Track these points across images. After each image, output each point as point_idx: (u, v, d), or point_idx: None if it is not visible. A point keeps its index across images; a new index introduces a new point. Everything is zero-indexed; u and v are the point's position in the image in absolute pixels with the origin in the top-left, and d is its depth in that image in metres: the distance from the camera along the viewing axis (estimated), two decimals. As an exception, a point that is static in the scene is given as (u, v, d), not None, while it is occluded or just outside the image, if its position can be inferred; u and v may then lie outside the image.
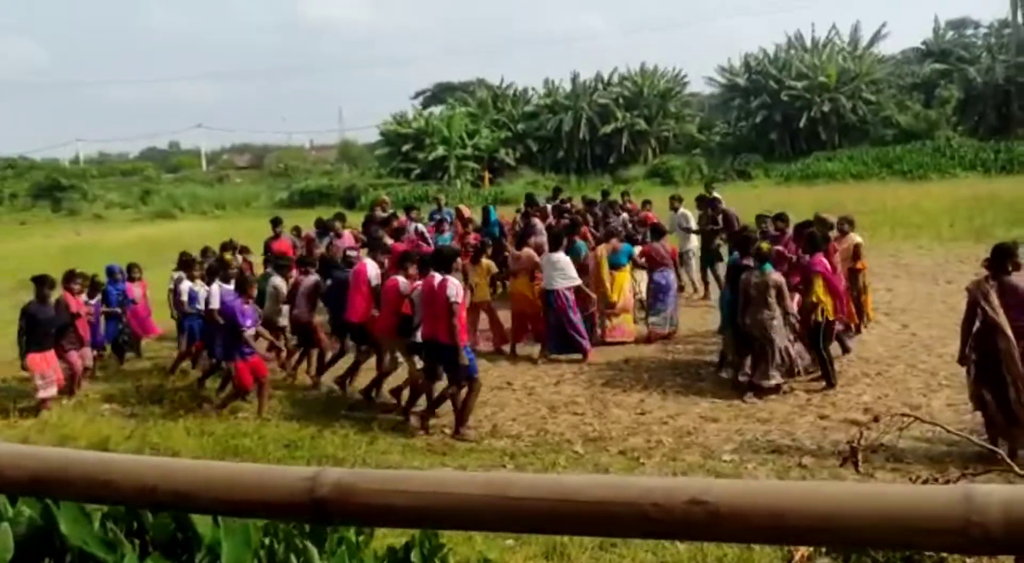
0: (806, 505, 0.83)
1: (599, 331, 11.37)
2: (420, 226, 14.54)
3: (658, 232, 11.96)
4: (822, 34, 47.55)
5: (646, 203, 15.98)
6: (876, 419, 6.65)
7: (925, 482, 5.40)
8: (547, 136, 46.77)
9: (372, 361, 9.67)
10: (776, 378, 8.82)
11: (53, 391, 9.64)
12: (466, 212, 16.04)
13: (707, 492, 0.85)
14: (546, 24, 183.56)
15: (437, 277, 8.34)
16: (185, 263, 11.23)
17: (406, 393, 9.02)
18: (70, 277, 10.50)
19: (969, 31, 49.74)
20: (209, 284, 10.27)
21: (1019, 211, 21.67)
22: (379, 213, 15.58)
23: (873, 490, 0.84)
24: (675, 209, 14.41)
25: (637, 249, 11.97)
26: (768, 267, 8.86)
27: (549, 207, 15.42)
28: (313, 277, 10.51)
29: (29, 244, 31.66)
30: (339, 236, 13.46)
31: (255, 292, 9.68)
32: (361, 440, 8.30)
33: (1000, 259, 6.96)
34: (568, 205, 15.92)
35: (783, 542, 0.87)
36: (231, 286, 9.79)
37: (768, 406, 8.59)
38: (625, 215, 14.96)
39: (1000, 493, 0.82)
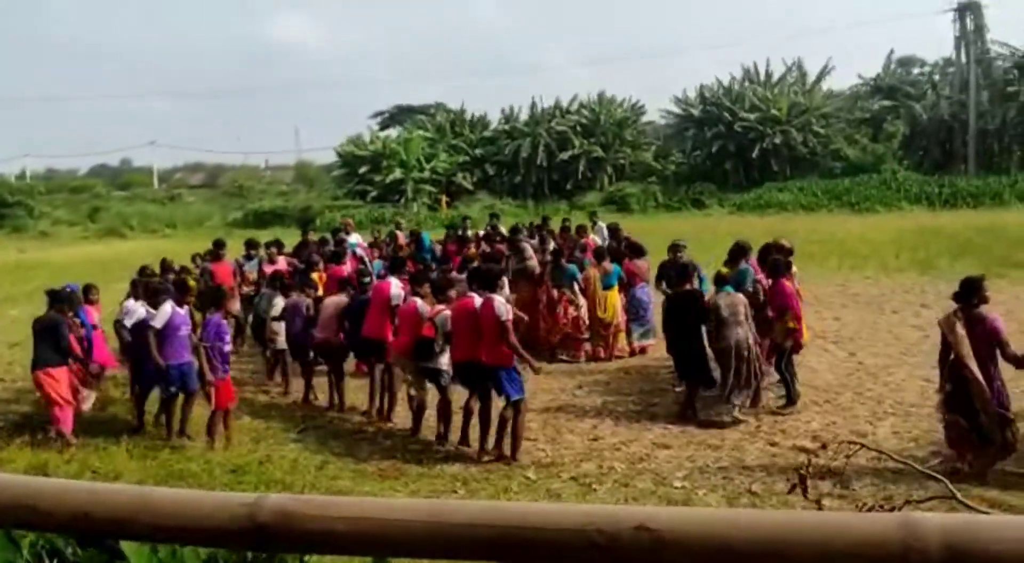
0: (750, 532, 0.84)
1: (600, 350, 11.89)
2: (356, 248, 14.51)
3: (637, 250, 12.39)
4: (776, 69, 48.74)
5: (581, 228, 16.09)
6: (824, 446, 6.72)
7: (871, 509, 5.47)
8: (505, 161, 47.04)
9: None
10: (740, 401, 8.94)
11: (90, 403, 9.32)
12: (401, 238, 16.15)
13: (653, 519, 0.85)
14: (507, 54, 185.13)
15: (476, 297, 8.21)
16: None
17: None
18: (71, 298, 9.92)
19: (916, 69, 51.33)
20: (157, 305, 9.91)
21: (962, 243, 22.32)
22: (344, 235, 15.59)
23: (815, 518, 0.84)
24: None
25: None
26: (729, 288, 9.05)
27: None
28: (338, 297, 10.25)
29: (-29, 261, 30.83)
30: (272, 262, 13.23)
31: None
32: (310, 464, 8.17)
33: (968, 292, 7.18)
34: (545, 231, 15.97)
35: (727, 569, 0.88)
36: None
37: (719, 433, 8.65)
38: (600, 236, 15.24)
39: (938, 520, 0.83)
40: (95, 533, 0.83)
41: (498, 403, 8.25)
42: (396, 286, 9.66)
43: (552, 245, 13.61)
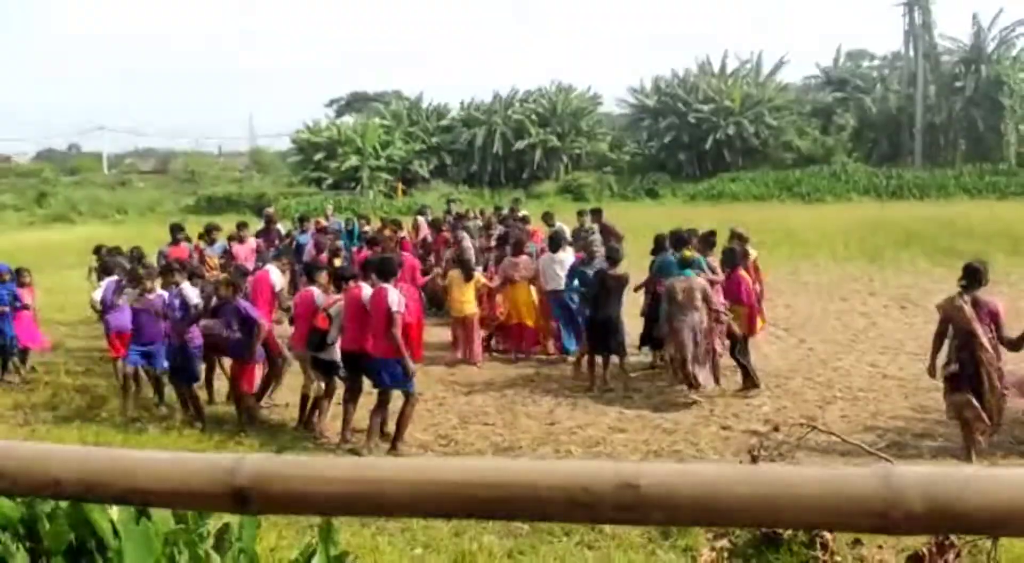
0: (733, 488, 0.84)
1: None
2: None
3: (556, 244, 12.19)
4: (731, 62, 49.25)
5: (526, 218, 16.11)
6: (776, 429, 6.85)
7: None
8: (461, 149, 46.89)
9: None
10: (705, 380, 9.09)
11: None
12: (323, 222, 16.14)
13: (638, 476, 0.85)
14: (464, 41, 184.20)
15: (365, 287, 8.10)
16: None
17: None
18: None
19: (865, 62, 52.23)
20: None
21: (909, 234, 22.83)
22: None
23: (797, 473, 0.86)
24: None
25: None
26: (689, 272, 9.14)
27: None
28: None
29: (-90, 245, 29.85)
30: (242, 241, 13.13)
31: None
32: (269, 449, 8.08)
33: (972, 277, 7.36)
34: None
35: (713, 524, 0.88)
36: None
37: (673, 417, 8.76)
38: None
39: (919, 475, 0.85)
40: (67, 498, 0.82)
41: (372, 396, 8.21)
42: (276, 274, 9.56)
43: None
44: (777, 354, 11.08)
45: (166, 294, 9.08)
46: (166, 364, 9.13)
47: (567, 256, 10.99)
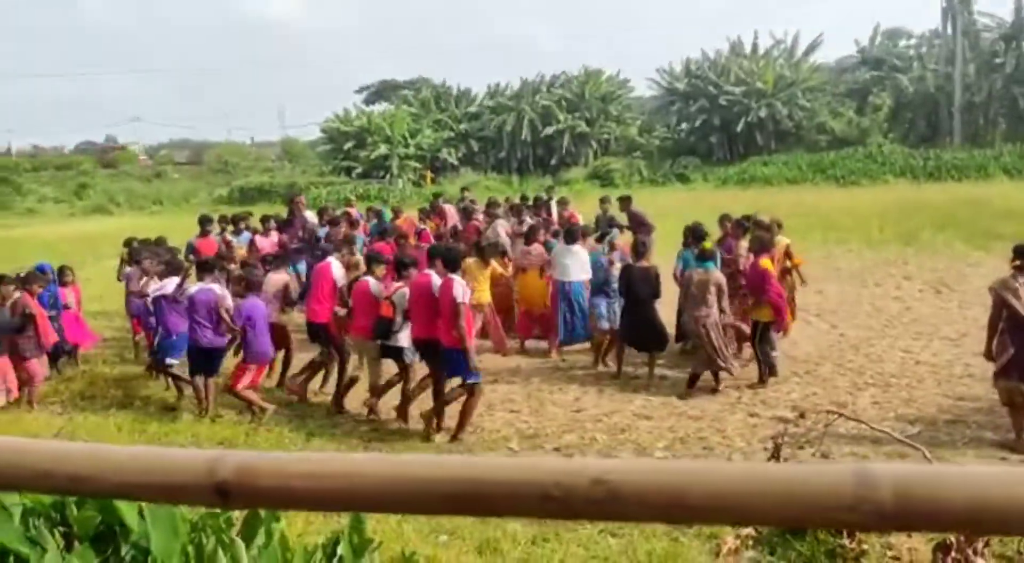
0: (705, 484, 0.85)
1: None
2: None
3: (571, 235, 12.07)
4: (762, 42, 48.60)
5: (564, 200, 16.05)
6: (802, 416, 6.81)
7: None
8: (489, 136, 46.82)
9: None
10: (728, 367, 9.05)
11: (1, 400, 8.88)
12: (354, 214, 16.01)
13: (609, 472, 0.86)
14: (492, 28, 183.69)
15: (434, 276, 8.09)
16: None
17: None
18: (31, 277, 9.65)
19: (902, 41, 51.22)
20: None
21: (946, 216, 22.44)
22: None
23: (769, 470, 0.86)
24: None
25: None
26: (711, 265, 9.07)
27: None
28: (280, 274, 10.02)
29: (-45, 237, 30.54)
30: (266, 234, 13.21)
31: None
32: (297, 437, 8.20)
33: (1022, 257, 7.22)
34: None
35: (684, 521, 0.89)
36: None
37: (700, 404, 8.73)
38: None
39: (892, 471, 0.84)
40: (56, 492, 0.84)
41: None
42: (338, 267, 9.51)
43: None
44: (807, 340, 10.98)
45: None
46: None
47: (581, 249, 10.81)
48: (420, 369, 8.60)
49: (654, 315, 9.61)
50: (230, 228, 13.50)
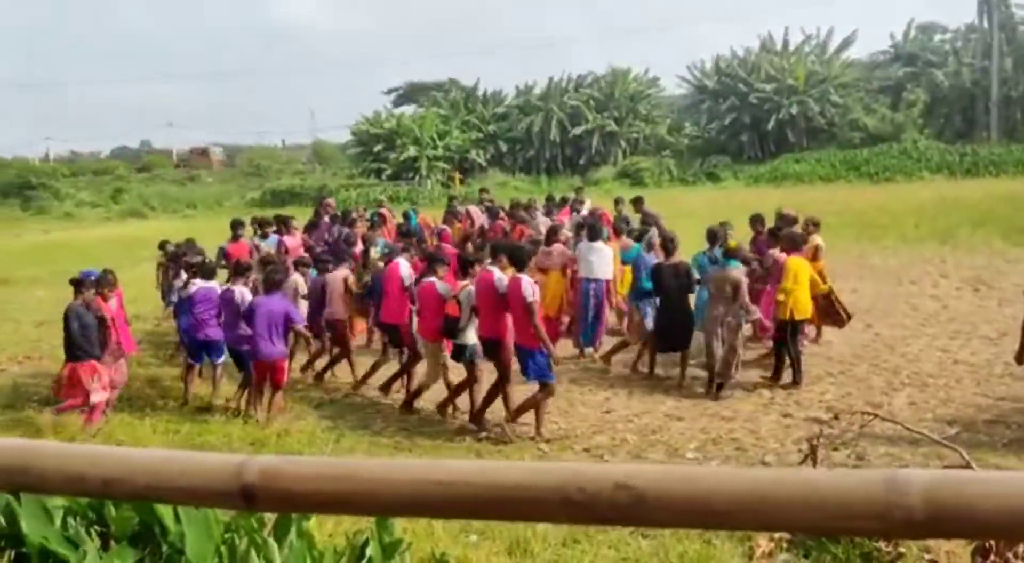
0: (731, 489, 0.84)
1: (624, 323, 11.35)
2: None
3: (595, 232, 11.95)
4: (793, 38, 48.14)
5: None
6: (836, 417, 6.73)
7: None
8: (518, 137, 46.84)
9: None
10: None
11: (104, 395, 8.82)
12: (385, 213, 16.03)
13: (633, 477, 0.85)
14: (519, 29, 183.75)
15: (497, 273, 8.04)
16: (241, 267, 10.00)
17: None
18: (103, 281, 9.53)
19: (937, 35, 50.45)
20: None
21: (983, 213, 22.07)
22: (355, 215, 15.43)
23: (797, 475, 0.85)
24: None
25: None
26: (734, 263, 8.98)
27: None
28: (343, 272, 10.07)
29: (-4, 243, 31.17)
30: (290, 233, 13.30)
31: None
32: (327, 438, 8.25)
33: None
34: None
35: (708, 526, 0.88)
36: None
37: (733, 404, 8.67)
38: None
39: (922, 477, 0.83)
40: (88, 495, 0.86)
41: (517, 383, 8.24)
42: (406, 267, 9.49)
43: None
44: (842, 340, 10.84)
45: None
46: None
47: (605, 246, 10.73)
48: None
49: (688, 311, 9.55)
50: (257, 231, 13.55)
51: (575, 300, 10.63)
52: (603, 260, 10.38)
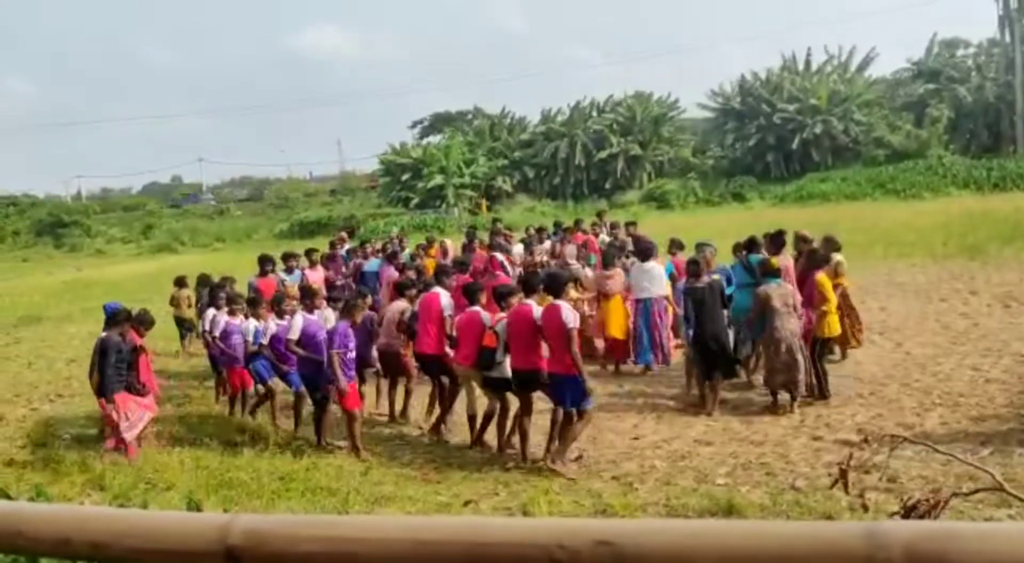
0: (710, 544, 0.83)
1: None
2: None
3: (679, 246, 11.97)
4: (815, 58, 48.10)
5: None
6: (866, 440, 6.61)
7: (916, 502, 5.36)
8: (543, 163, 47.08)
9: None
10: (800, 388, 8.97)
11: (135, 432, 8.88)
12: (447, 244, 15.99)
13: (612, 533, 0.85)
14: (540, 56, 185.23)
15: (534, 305, 8.00)
16: (230, 299, 10.66)
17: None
18: (141, 318, 9.71)
19: (959, 51, 50.15)
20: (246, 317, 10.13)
21: (1012, 227, 21.78)
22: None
23: (778, 528, 0.84)
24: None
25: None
26: (779, 280, 8.97)
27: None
28: (401, 303, 9.89)
29: (31, 281, 31.73)
30: (312, 267, 13.39)
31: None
32: (355, 470, 8.25)
33: None
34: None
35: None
36: (313, 316, 9.48)
37: (762, 428, 8.56)
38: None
39: (905, 528, 0.82)
40: (78, 557, 0.87)
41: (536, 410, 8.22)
42: (446, 297, 9.39)
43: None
44: (872, 359, 10.70)
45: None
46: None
47: (656, 265, 10.87)
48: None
49: (724, 335, 9.47)
50: (281, 266, 13.53)
51: (633, 321, 10.94)
52: (655, 279, 10.65)
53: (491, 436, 8.69)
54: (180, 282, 14.96)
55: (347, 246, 15.29)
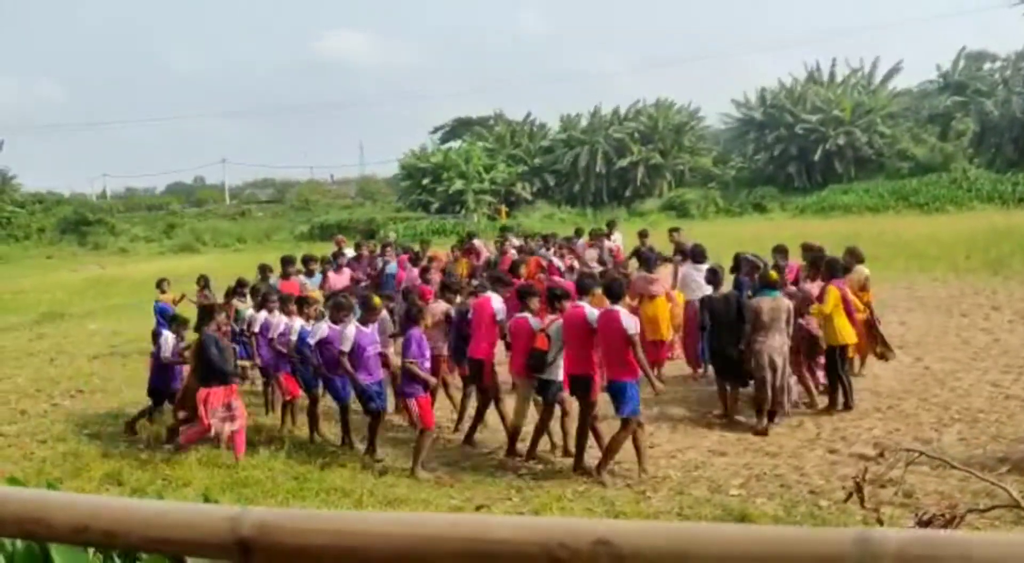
0: (707, 547, 0.85)
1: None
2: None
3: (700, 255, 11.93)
4: (839, 69, 47.84)
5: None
6: (882, 454, 6.59)
7: (932, 518, 5.34)
8: (563, 170, 47.08)
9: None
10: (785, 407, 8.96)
11: (233, 426, 8.85)
12: (478, 245, 16.06)
13: (612, 533, 0.87)
14: (562, 63, 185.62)
15: (588, 308, 7.89)
16: (283, 300, 10.20)
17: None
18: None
19: (986, 64, 49.73)
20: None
21: (1036, 243, 21.55)
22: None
23: (771, 533, 0.86)
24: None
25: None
26: (778, 293, 8.90)
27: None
28: (442, 305, 9.73)
29: (55, 278, 32.10)
30: (339, 270, 13.45)
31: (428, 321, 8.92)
32: (370, 472, 8.30)
33: None
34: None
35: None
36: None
37: (777, 440, 8.53)
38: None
39: (895, 539, 0.84)
40: (92, 545, 0.90)
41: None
42: (498, 301, 9.22)
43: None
44: (890, 374, 10.63)
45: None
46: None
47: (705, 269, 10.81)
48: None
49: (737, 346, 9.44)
50: (302, 269, 13.33)
51: (687, 322, 11.00)
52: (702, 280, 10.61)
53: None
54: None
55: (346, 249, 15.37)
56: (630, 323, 7.60)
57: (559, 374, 8.15)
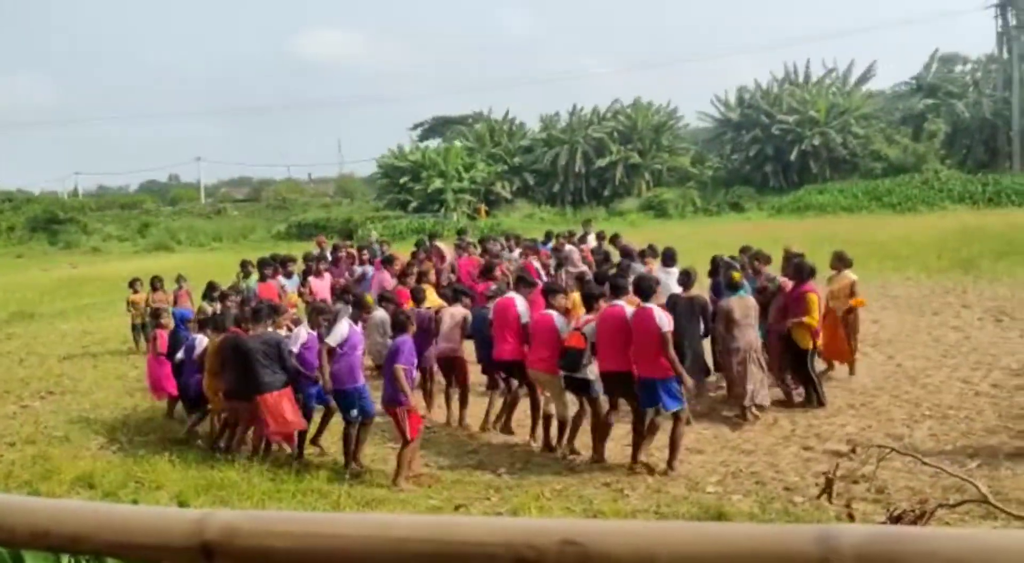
0: (674, 546, 0.86)
1: None
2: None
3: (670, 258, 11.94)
4: (815, 70, 48.30)
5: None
6: (854, 450, 6.65)
7: (902, 513, 5.40)
8: (543, 169, 47.13)
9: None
10: (763, 399, 9.13)
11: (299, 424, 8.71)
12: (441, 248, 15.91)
13: (579, 533, 0.87)
14: (543, 63, 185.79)
15: (626, 306, 7.93)
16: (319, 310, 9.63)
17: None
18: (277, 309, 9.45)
19: (958, 67, 50.39)
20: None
21: (1007, 242, 21.87)
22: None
23: (736, 531, 0.86)
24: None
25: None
26: (744, 293, 9.08)
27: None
28: (461, 309, 9.65)
29: (25, 277, 31.67)
30: (319, 275, 13.31)
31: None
32: (347, 474, 8.25)
33: None
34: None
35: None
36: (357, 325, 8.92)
37: (753, 437, 8.59)
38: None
39: (855, 534, 0.84)
40: (54, 550, 0.89)
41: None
42: (522, 303, 9.12)
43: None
44: (863, 371, 10.73)
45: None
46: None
47: (675, 272, 10.63)
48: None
49: (699, 346, 9.55)
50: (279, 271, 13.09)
51: None
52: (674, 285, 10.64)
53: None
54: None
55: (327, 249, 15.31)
56: (664, 321, 7.65)
57: (593, 372, 8.19)
